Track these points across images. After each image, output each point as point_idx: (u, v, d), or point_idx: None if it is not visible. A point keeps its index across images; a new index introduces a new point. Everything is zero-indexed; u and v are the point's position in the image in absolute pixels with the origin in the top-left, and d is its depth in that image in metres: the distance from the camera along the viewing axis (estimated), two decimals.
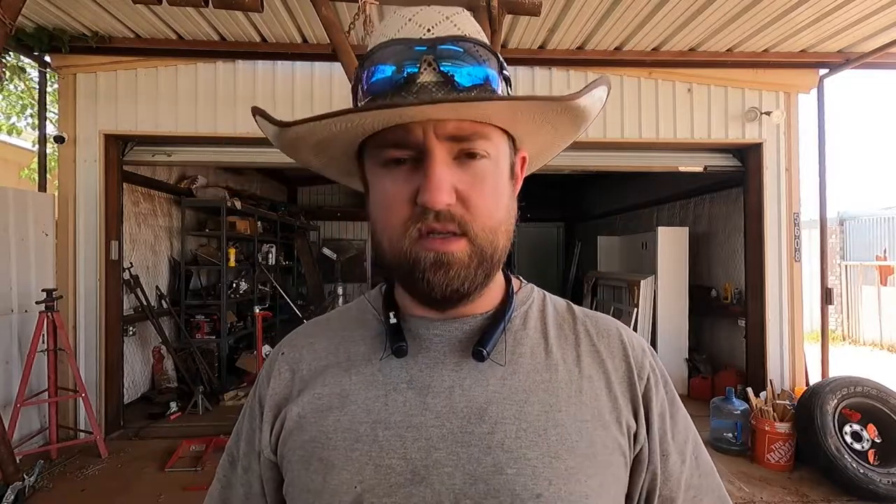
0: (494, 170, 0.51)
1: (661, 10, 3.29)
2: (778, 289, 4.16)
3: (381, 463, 0.50)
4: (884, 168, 40.21)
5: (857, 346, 8.71)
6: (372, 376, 0.54)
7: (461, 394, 0.52)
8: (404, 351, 0.53)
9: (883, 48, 3.66)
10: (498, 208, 0.51)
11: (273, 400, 0.57)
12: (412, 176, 0.48)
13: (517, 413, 0.51)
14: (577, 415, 0.52)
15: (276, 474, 0.57)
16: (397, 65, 0.48)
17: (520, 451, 0.49)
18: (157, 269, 5.10)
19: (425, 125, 0.47)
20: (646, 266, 5.35)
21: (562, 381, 0.54)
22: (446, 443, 0.50)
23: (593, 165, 4.42)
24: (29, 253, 3.61)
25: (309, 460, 0.52)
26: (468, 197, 0.48)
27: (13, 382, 3.35)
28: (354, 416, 0.52)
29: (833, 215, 9.18)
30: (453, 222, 0.48)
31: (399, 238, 0.49)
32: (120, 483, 3.13)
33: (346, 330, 0.60)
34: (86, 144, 3.85)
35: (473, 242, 0.49)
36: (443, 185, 0.46)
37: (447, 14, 0.50)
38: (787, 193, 4.16)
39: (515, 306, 0.58)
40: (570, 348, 0.57)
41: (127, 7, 3.18)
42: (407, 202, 0.48)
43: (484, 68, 0.49)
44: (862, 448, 3.17)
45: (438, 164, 0.47)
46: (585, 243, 8.46)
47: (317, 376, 0.56)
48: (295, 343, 0.61)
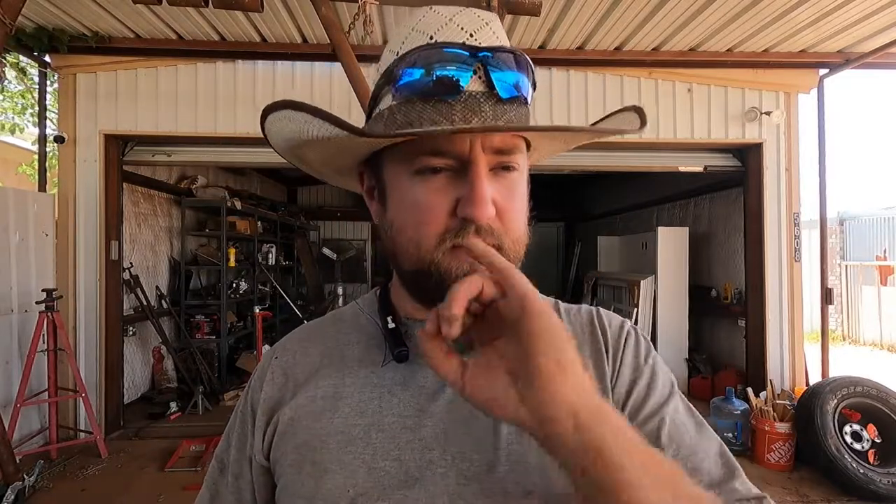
0: (521, 181, 0.51)
1: (661, 10, 3.29)
2: (778, 289, 4.16)
3: (375, 466, 0.49)
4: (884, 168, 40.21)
5: (857, 346, 8.71)
6: (366, 378, 0.54)
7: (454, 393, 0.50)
8: (406, 355, 0.53)
9: (883, 48, 3.66)
10: (522, 220, 0.51)
11: (266, 404, 0.56)
12: (452, 186, 0.47)
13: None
14: None
15: (268, 480, 0.56)
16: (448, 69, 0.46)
17: (511, 447, 0.49)
18: (157, 269, 5.10)
19: (473, 137, 0.46)
20: (646, 266, 5.34)
21: None
22: (439, 443, 0.49)
23: (593, 165, 4.42)
24: (29, 253, 3.61)
25: (301, 464, 0.51)
26: (504, 210, 0.48)
27: (13, 382, 3.36)
28: (348, 418, 0.51)
29: (833, 215, 9.18)
30: (493, 237, 0.47)
31: (432, 249, 0.47)
32: (120, 483, 3.13)
33: (341, 333, 0.60)
34: (86, 144, 3.85)
35: (506, 255, 0.48)
36: (488, 198, 0.45)
37: (486, 20, 0.49)
38: (787, 193, 4.16)
39: None
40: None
41: (127, 7, 3.18)
42: (445, 213, 0.47)
43: (523, 78, 0.49)
44: (862, 448, 3.17)
45: (483, 177, 0.46)
46: (585, 243, 8.45)
47: (310, 379, 0.56)
48: (288, 347, 0.61)
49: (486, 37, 0.48)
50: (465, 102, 0.46)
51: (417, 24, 0.49)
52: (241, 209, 5.65)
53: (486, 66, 0.46)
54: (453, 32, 0.47)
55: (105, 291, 3.90)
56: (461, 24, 0.48)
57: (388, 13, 3.31)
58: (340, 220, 8.93)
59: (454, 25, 0.47)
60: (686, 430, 0.52)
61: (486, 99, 0.46)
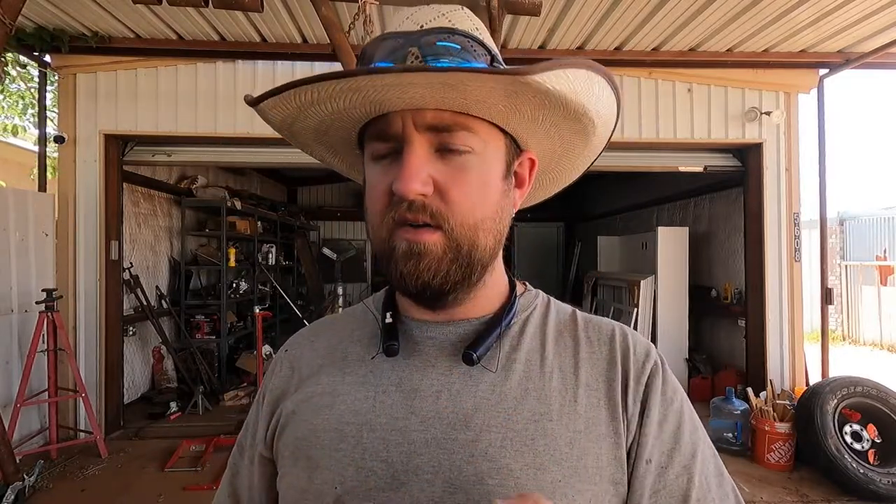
0: (480, 165, 0.49)
1: (661, 10, 3.29)
2: (778, 289, 4.16)
3: (363, 465, 0.49)
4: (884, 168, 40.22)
5: (857, 346, 8.71)
6: (364, 377, 0.54)
7: (448, 398, 0.50)
8: (395, 350, 0.53)
9: (883, 48, 3.66)
10: (482, 205, 0.49)
11: (272, 395, 0.58)
12: (392, 166, 0.48)
13: (504, 421, 0.49)
14: (569, 425, 0.49)
15: (267, 469, 0.58)
16: (386, 59, 0.48)
17: (503, 460, 0.47)
18: (157, 269, 5.10)
19: (404, 115, 0.46)
20: (646, 266, 5.34)
21: (556, 389, 0.51)
22: (429, 448, 0.48)
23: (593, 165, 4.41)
24: (29, 253, 3.61)
25: (297, 457, 0.52)
26: (447, 189, 0.47)
27: (13, 382, 3.35)
28: (342, 416, 0.52)
29: (833, 215, 9.17)
30: (425, 213, 0.47)
31: (378, 226, 0.49)
32: (120, 483, 3.13)
33: (347, 330, 0.60)
34: (86, 144, 3.85)
35: (449, 236, 0.47)
36: (415, 174, 0.46)
37: (444, 11, 0.50)
38: (787, 193, 4.16)
39: (516, 312, 0.56)
40: (568, 355, 0.54)
41: (127, 7, 3.18)
42: (386, 192, 0.48)
43: (470, 62, 0.47)
44: (862, 448, 3.17)
45: (413, 154, 0.46)
46: (585, 243, 8.45)
47: (313, 374, 0.57)
48: (298, 341, 0.63)
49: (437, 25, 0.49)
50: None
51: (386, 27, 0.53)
52: (241, 209, 5.65)
53: (421, 50, 0.46)
54: (408, 27, 0.49)
55: (105, 291, 3.90)
56: (416, 19, 0.49)
57: (388, 13, 3.31)
58: (340, 220, 8.94)
59: (410, 22, 0.49)
60: (710, 494, 0.50)
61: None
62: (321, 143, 0.57)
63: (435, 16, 0.49)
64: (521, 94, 0.45)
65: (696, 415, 0.54)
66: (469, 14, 0.51)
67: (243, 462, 0.61)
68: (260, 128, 3.87)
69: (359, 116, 0.49)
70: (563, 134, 0.53)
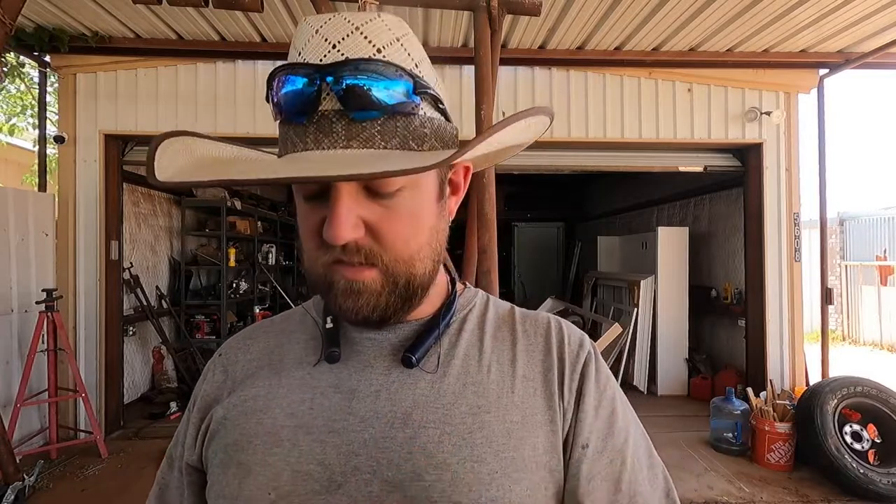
0: (412, 199, 0.47)
1: (661, 10, 3.29)
2: (778, 289, 4.16)
3: (299, 469, 0.48)
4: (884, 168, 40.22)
5: (857, 346, 8.71)
6: (300, 380, 0.53)
7: (387, 398, 0.50)
8: (337, 357, 0.52)
9: (883, 48, 3.66)
10: (416, 235, 0.48)
11: (203, 401, 0.56)
12: (321, 207, 0.46)
13: (442, 417, 0.49)
14: (506, 416, 0.50)
15: (196, 478, 0.56)
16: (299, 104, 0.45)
17: (441, 455, 0.47)
18: (157, 269, 5.10)
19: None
20: (646, 266, 5.35)
21: (493, 381, 0.52)
22: (367, 448, 0.48)
23: (593, 165, 4.42)
24: (29, 253, 3.61)
25: (228, 464, 0.50)
26: (378, 230, 0.46)
27: (13, 382, 3.36)
28: (277, 419, 0.50)
29: (833, 215, 9.18)
30: (359, 254, 0.46)
31: (313, 263, 0.49)
32: (120, 483, 3.13)
33: (284, 333, 0.59)
34: (86, 144, 3.85)
35: (386, 273, 0.47)
36: (344, 221, 0.44)
37: (358, 24, 0.45)
38: (787, 193, 4.16)
39: (455, 312, 0.57)
40: (505, 349, 0.55)
41: (127, 7, 3.18)
42: (317, 231, 0.47)
43: (392, 92, 0.44)
44: (862, 448, 3.17)
45: (340, 202, 0.44)
46: (585, 243, 8.45)
47: (247, 378, 0.55)
48: (232, 345, 0.60)
49: (351, 45, 0.44)
50: (316, 124, 0.45)
51: (295, 37, 0.48)
52: (241, 209, 5.65)
53: (336, 86, 0.43)
54: (317, 45, 0.45)
55: (105, 291, 3.90)
56: (326, 34, 0.45)
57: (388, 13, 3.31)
58: None
59: (319, 38, 0.45)
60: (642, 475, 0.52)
61: (339, 118, 0.44)
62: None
63: (348, 31, 0.45)
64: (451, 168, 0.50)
65: (627, 400, 0.57)
66: (388, 21, 0.47)
67: (173, 475, 0.59)
68: (261, 128, 3.88)
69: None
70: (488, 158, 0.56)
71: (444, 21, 3.47)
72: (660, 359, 5.02)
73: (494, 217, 2.10)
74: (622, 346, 5.11)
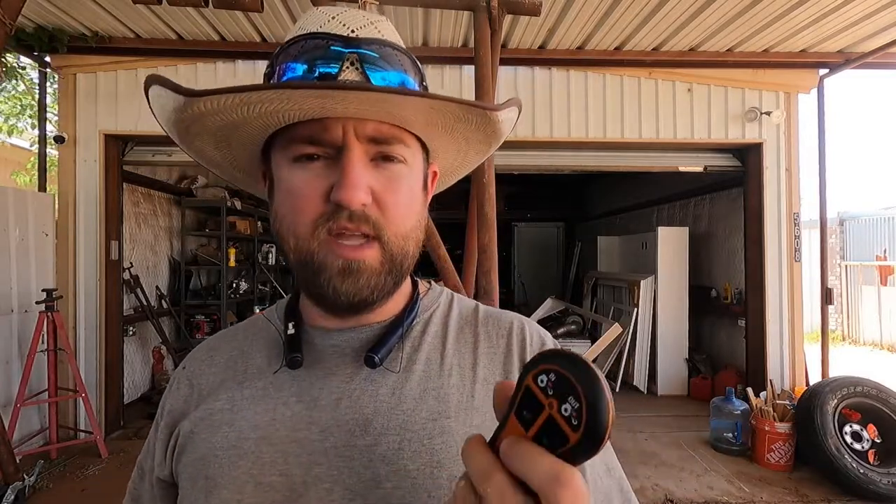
0: (409, 175, 0.50)
1: (661, 10, 3.29)
2: (778, 289, 4.16)
3: (262, 481, 0.47)
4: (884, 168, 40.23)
5: (857, 346, 8.71)
6: (263, 390, 0.52)
7: (348, 405, 0.50)
8: (298, 362, 0.52)
9: (883, 48, 3.66)
10: (410, 215, 0.50)
11: (170, 416, 0.55)
12: (327, 172, 0.46)
13: (402, 423, 0.49)
14: (466, 420, 0.50)
15: (169, 493, 0.55)
16: (315, 60, 0.46)
17: (400, 462, 0.47)
18: (157, 269, 5.09)
19: (345, 123, 0.46)
20: (646, 266, 5.35)
21: (454, 386, 0.52)
22: (328, 457, 0.48)
23: (593, 165, 4.42)
24: (29, 253, 3.61)
25: (196, 478, 0.50)
26: (384, 199, 0.47)
27: (13, 382, 3.36)
28: (241, 431, 0.50)
29: (833, 215, 9.18)
30: (367, 224, 0.46)
31: (307, 238, 0.47)
32: (120, 483, 3.12)
33: (247, 342, 0.58)
34: (86, 144, 3.85)
35: (385, 248, 0.48)
36: (360, 182, 0.45)
37: (372, 20, 0.49)
38: (787, 193, 4.16)
39: (418, 312, 0.57)
40: (467, 352, 0.55)
41: (127, 7, 3.18)
42: (320, 198, 0.46)
43: (402, 74, 0.49)
44: (862, 448, 3.17)
45: (356, 162, 0.45)
46: (585, 243, 8.45)
47: (213, 391, 0.55)
48: (196, 357, 0.60)
49: (368, 34, 0.48)
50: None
51: (304, 22, 0.50)
52: (241, 209, 5.65)
53: (361, 57, 0.46)
54: (335, 28, 0.48)
55: (105, 291, 3.90)
56: (343, 21, 0.48)
57: (388, 13, 3.31)
58: None
59: (336, 22, 0.48)
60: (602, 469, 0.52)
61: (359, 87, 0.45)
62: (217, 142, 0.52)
63: (364, 23, 0.48)
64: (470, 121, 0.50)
65: None
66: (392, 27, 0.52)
67: (144, 486, 0.58)
68: None
69: (287, 119, 0.46)
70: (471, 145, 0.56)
71: (444, 21, 3.47)
72: (660, 359, 5.02)
73: (494, 217, 2.10)
74: (622, 346, 5.11)
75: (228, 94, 0.42)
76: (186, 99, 0.43)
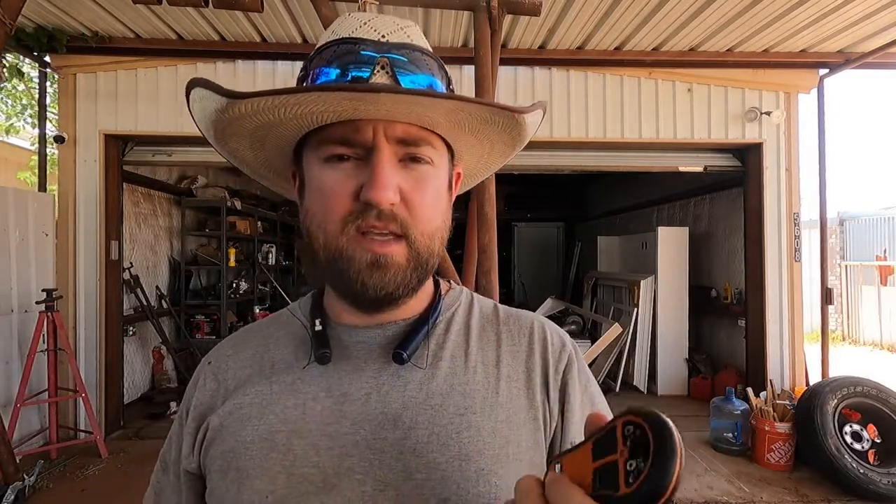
0: (436, 176, 0.52)
1: (661, 10, 3.29)
2: (778, 289, 4.16)
3: (295, 472, 0.49)
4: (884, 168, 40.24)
5: (857, 346, 8.71)
6: (292, 385, 0.54)
7: (378, 400, 0.52)
8: (327, 358, 0.53)
9: (883, 48, 3.66)
10: (436, 215, 0.52)
11: (197, 410, 0.57)
12: (356, 172, 0.48)
13: (431, 418, 0.51)
14: (491, 415, 0.52)
15: (198, 485, 0.57)
16: (348, 65, 0.48)
17: (430, 455, 0.49)
18: (157, 269, 5.09)
19: (376, 125, 0.47)
20: (646, 266, 5.35)
21: (479, 383, 0.54)
22: (359, 449, 0.50)
23: (593, 165, 4.42)
24: (29, 253, 3.61)
25: (226, 470, 0.51)
26: (411, 199, 0.49)
27: (13, 382, 3.35)
28: (272, 425, 0.52)
29: (833, 215, 9.18)
30: (395, 222, 0.48)
31: (336, 235, 0.49)
32: (120, 483, 3.13)
33: (272, 338, 0.60)
34: (86, 144, 3.85)
35: (412, 246, 0.49)
36: (389, 182, 0.47)
37: (402, 25, 0.51)
38: (787, 193, 4.16)
39: (441, 311, 0.59)
40: (490, 350, 0.57)
41: (127, 7, 3.18)
42: (349, 197, 0.48)
43: (430, 77, 0.50)
44: (862, 448, 3.17)
45: (385, 163, 0.47)
46: (585, 243, 8.45)
47: (240, 386, 0.56)
48: (221, 352, 0.61)
49: (397, 39, 0.50)
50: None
51: (336, 28, 0.52)
52: (241, 209, 5.65)
53: (391, 62, 0.48)
54: (367, 34, 0.50)
55: (105, 291, 3.90)
56: (375, 27, 0.50)
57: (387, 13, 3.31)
58: None
59: (368, 28, 0.50)
60: None
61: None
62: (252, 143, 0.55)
63: (394, 28, 0.51)
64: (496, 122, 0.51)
65: (602, 394, 0.60)
66: (420, 32, 0.54)
67: (168, 479, 0.60)
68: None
69: (320, 120, 0.48)
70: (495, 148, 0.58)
71: (444, 21, 3.47)
72: (660, 359, 5.02)
73: (494, 217, 2.10)
74: (622, 346, 5.11)
75: (267, 97, 0.44)
76: (228, 101, 0.45)
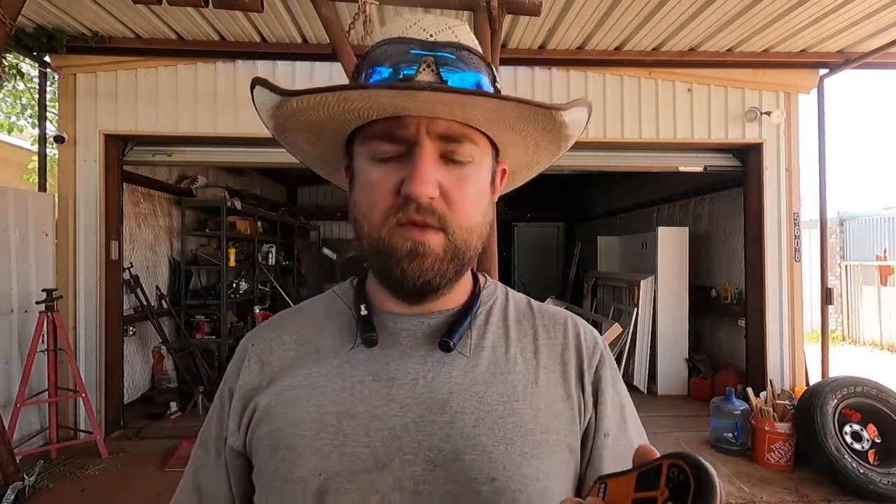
0: (477, 174, 0.54)
1: (661, 10, 3.29)
2: (778, 289, 4.16)
3: (346, 451, 0.51)
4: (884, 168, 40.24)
5: (857, 346, 8.71)
6: (339, 368, 0.56)
7: (424, 385, 0.54)
8: (374, 340, 0.55)
9: (883, 48, 3.66)
10: (476, 212, 0.54)
11: (242, 391, 0.59)
12: (399, 168, 0.51)
13: (477, 403, 0.53)
14: (532, 403, 0.55)
15: (241, 462, 0.59)
16: (399, 64, 0.50)
17: (477, 438, 0.52)
18: (157, 269, 5.09)
19: (419, 122, 0.49)
20: (646, 266, 5.35)
21: (520, 372, 0.57)
22: (408, 431, 0.52)
23: (593, 165, 4.42)
24: (29, 253, 3.61)
25: (276, 450, 0.53)
26: (451, 195, 0.51)
27: (13, 382, 3.35)
28: (321, 406, 0.54)
29: (833, 215, 9.18)
30: (433, 216, 0.50)
31: (378, 226, 0.51)
32: (120, 483, 3.13)
33: (316, 322, 0.62)
34: (86, 144, 3.85)
35: (450, 238, 0.51)
36: (428, 177, 0.49)
37: (450, 24, 0.53)
38: (787, 193, 4.16)
39: (481, 303, 0.61)
40: (528, 341, 0.60)
41: (127, 7, 3.18)
42: (391, 192, 0.50)
43: (477, 75, 0.52)
44: (862, 448, 3.17)
45: (426, 158, 0.49)
46: (585, 243, 8.45)
47: (286, 368, 0.58)
48: (263, 335, 0.63)
49: (445, 38, 0.52)
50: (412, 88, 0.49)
51: (388, 28, 0.54)
52: (241, 209, 5.64)
53: (437, 59, 0.50)
54: (415, 34, 0.52)
55: (105, 291, 3.90)
56: (423, 26, 0.52)
57: (388, 13, 3.31)
58: (340, 220, 8.92)
59: (417, 28, 0.52)
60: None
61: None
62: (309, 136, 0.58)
63: (441, 27, 0.52)
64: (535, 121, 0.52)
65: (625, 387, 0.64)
66: (469, 30, 0.55)
67: (208, 455, 0.61)
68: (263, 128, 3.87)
69: (367, 116, 0.51)
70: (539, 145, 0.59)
71: None
72: (660, 359, 5.02)
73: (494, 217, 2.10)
74: (622, 346, 5.11)
75: (316, 94, 0.48)
76: (281, 98, 0.49)
